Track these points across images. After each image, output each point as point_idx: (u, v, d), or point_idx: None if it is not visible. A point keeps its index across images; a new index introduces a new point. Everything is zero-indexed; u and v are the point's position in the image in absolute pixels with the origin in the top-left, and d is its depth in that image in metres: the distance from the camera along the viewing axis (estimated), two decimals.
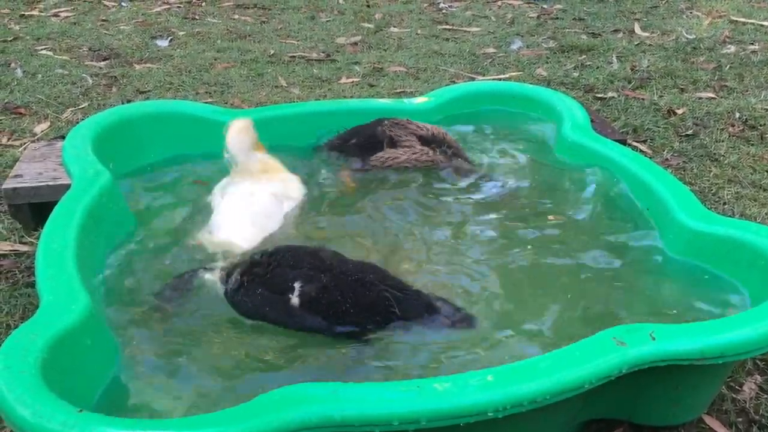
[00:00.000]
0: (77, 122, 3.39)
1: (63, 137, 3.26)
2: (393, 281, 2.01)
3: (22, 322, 1.80)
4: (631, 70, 4.52)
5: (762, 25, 5.45)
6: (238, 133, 2.67)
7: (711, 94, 4.08)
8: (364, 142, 2.80)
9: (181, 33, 5.48)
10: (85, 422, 1.33)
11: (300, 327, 1.93)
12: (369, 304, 1.92)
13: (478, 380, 1.44)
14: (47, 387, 1.43)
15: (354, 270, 2.00)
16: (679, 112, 3.82)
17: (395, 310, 1.92)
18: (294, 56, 4.95)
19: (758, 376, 2.00)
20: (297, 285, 1.95)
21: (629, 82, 4.31)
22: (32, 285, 2.39)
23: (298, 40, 5.37)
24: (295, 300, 1.94)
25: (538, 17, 5.94)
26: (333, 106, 3.13)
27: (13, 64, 4.59)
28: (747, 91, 4.13)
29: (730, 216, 2.63)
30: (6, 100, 4.00)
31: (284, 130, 2.95)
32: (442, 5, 6.44)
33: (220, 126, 2.89)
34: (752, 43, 5.02)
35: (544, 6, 6.10)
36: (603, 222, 2.43)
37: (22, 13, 5.94)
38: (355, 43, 5.31)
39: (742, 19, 5.60)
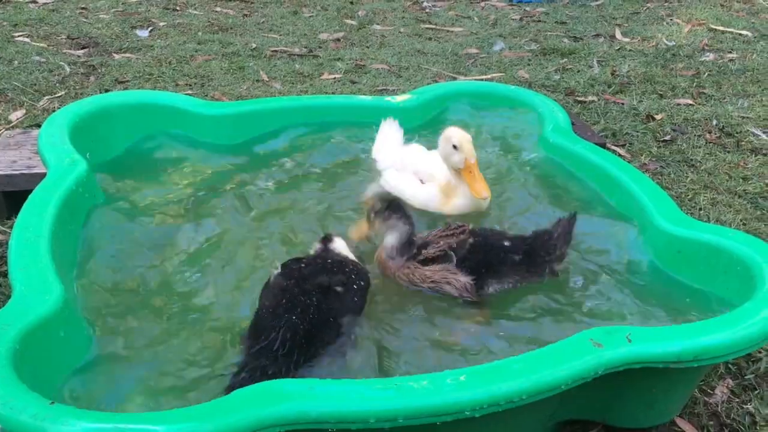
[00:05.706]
0: (53, 111, 3.35)
1: (39, 125, 3.21)
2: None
3: None
4: (612, 74, 4.56)
5: (740, 34, 5.52)
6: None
7: (689, 101, 4.12)
8: None
9: (162, 24, 5.43)
10: (57, 414, 1.31)
11: None
12: None
13: (454, 379, 1.44)
14: (19, 378, 1.40)
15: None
16: (658, 117, 3.85)
17: None
18: (276, 51, 4.92)
19: (730, 380, 2.03)
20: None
21: (609, 87, 4.34)
22: (4, 275, 2.34)
23: (280, 35, 5.34)
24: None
25: (521, 19, 5.97)
26: (315, 102, 3.11)
27: None
28: (724, 98, 4.18)
29: (705, 221, 2.66)
30: None
31: (264, 123, 2.95)
32: (425, 4, 6.44)
33: (199, 118, 2.87)
34: (730, 52, 5.09)
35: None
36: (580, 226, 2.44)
37: None
38: (338, 40, 5.29)
39: (721, 28, 5.67)
